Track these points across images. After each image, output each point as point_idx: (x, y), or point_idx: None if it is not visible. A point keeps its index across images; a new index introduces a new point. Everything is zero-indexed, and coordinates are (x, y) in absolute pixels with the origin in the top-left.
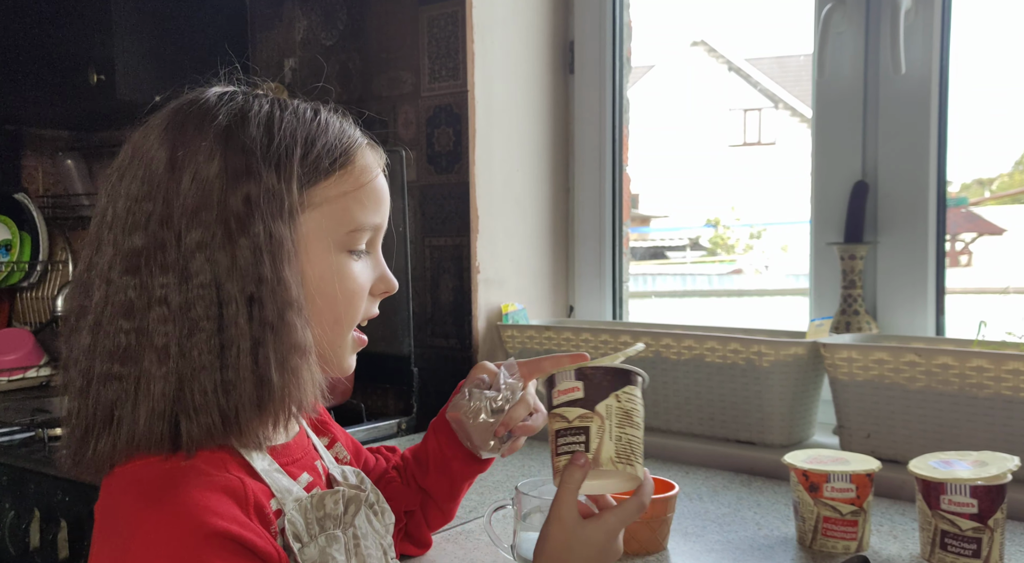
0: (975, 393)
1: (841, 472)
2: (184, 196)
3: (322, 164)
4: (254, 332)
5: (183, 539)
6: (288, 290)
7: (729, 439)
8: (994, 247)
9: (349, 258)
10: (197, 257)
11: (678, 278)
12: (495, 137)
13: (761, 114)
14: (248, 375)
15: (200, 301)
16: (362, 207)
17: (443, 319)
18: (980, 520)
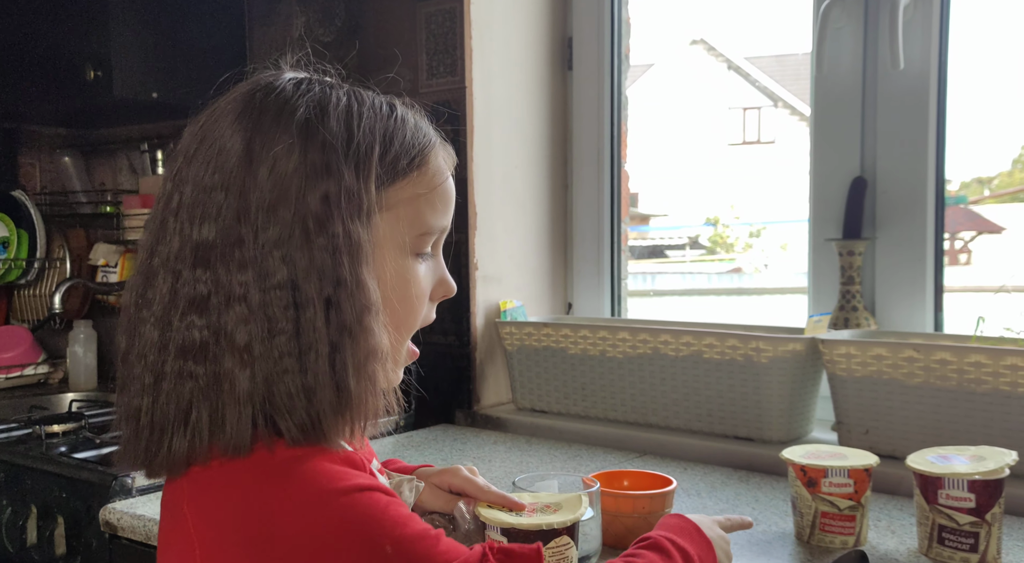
0: (973, 388)
1: (839, 467)
2: (261, 190)
3: (400, 164)
4: (331, 336)
5: (325, 500)
6: (366, 293)
7: (727, 435)
8: (993, 245)
9: (416, 261)
10: (274, 255)
11: (677, 277)
12: (494, 134)
13: (760, 113)
14: (327, 381)
15: (277, 302)
16: (433, 210)
17: (441, 316)
18: (978, 515)
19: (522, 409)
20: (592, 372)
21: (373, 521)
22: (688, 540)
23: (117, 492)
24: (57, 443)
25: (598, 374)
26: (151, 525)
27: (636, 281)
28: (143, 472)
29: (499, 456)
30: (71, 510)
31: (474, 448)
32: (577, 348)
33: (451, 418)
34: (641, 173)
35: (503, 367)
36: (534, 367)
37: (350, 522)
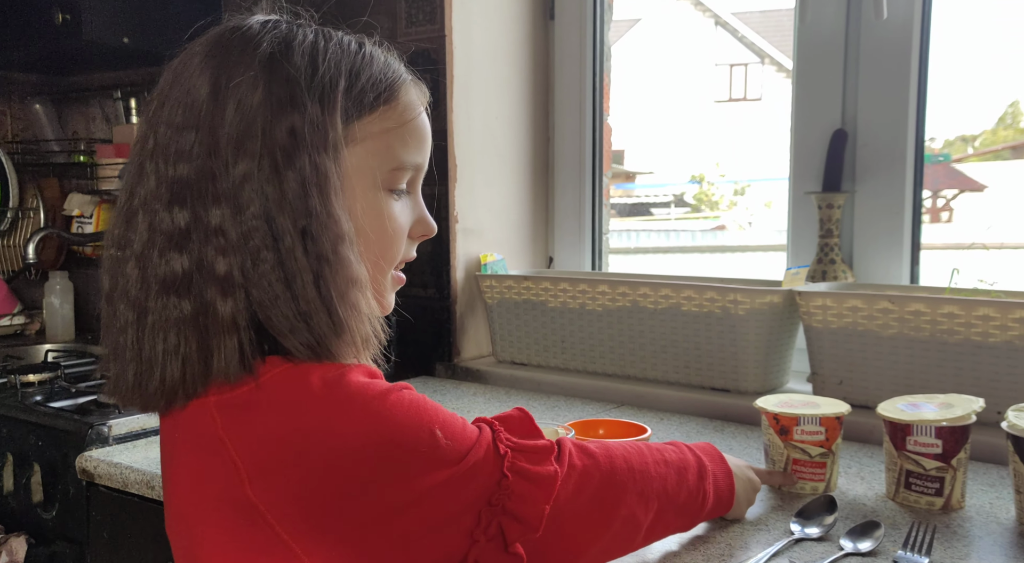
0: (946, 339)
1: (811, 415)
2: (228, 125)
3: (366, 98)
4: (312, 265)
5: (372, 405)
6: (338, 224)
7: (704, 386)
8: (975, 203)
9: (390, 197)
10: (246, 188)
11: (662, 234)
12: (474, 83)
13: (747, 69)
14: (319, 306)
15: (256, 233)
16: (404, 145)
17: (421, 269)
18: (944, 460)
19: (502, 362)
20: (572, 325)
21: (422, 411)
22: (707, 456)
23: (93, 440)
24: (32, 392)
25: (578, 327)
26: (128, 473)
27: (621, 239)
28: (137, 407)
29: (478, 407)
30: (47, 458)
31: (453, 400)
32: (557, 301)
33: (431, 371)
34: (627, 130)
35: (483, 320)
36: (514, 320)
37: (403, 417)
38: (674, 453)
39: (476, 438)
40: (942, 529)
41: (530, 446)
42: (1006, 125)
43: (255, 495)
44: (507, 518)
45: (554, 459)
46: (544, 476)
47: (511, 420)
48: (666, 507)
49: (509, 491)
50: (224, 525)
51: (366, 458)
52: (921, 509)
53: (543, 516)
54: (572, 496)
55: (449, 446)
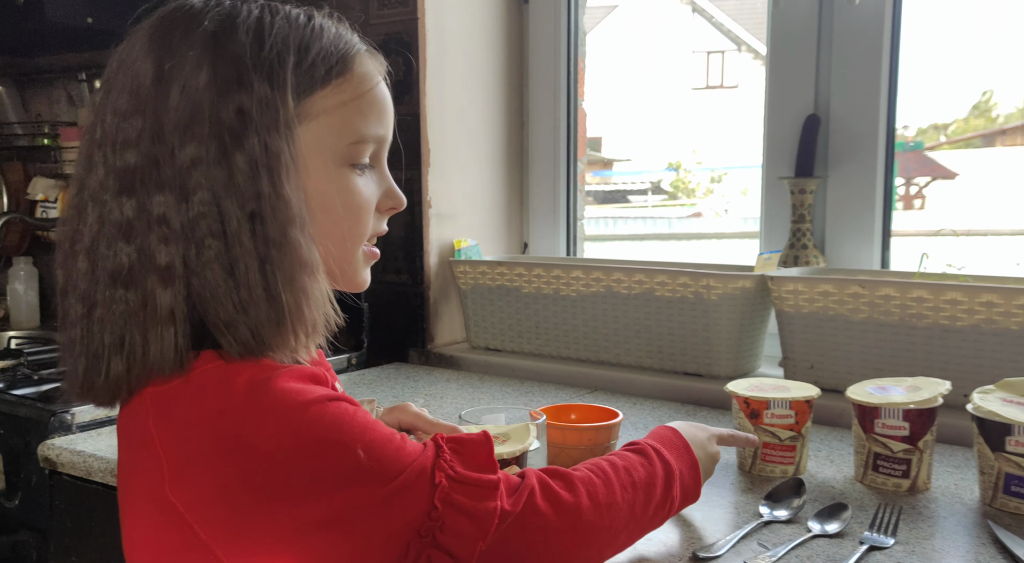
0: (915, 323)
1: (781, 399)
2: (174, 110)
3: (317, 72)
4: (259, 250)
5: (296, 412)
6: (289, 206)
7: (677, 371)
8: (947, 191)
9: (352, 172)
10: (193, 174)
11: (639, 222)
12: (447, 68)
13: (724, 57)
14: (260, 293)
15: (203, 219)
16: (363, 117)
17: (394, 254)
18: (911, 442)
19: (476, 347)
20: (546, 311)
21: (345, 427)
22: (674, 453)
23: (56, 428)
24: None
25: (552, 312)
26: (91, 461)
27: (599, 226)
28: (89, 402)
29: (451, 393)
30: (10, 447)
31: (426, 386)
32: (531, 287)
33: (404, 357)
34: (605, 117)
35: (457, 306)
36: (488, 306)
37: (322, 430)
38: (643, 467)
39: (410, 462)
40: (908, 510)
41: (473, 479)
42: (978, 114)
43: (173, 494)
44: (437, 551)
45: (503, 494)
46: (482, 512)
47: (468, 444)
48: (633, 530)
49: (440, 523)
50: (147, 522)
51: (279, 467)
52: (888, 491)
53: (475, 553)
54: (529, 541)
55: (371, 466)
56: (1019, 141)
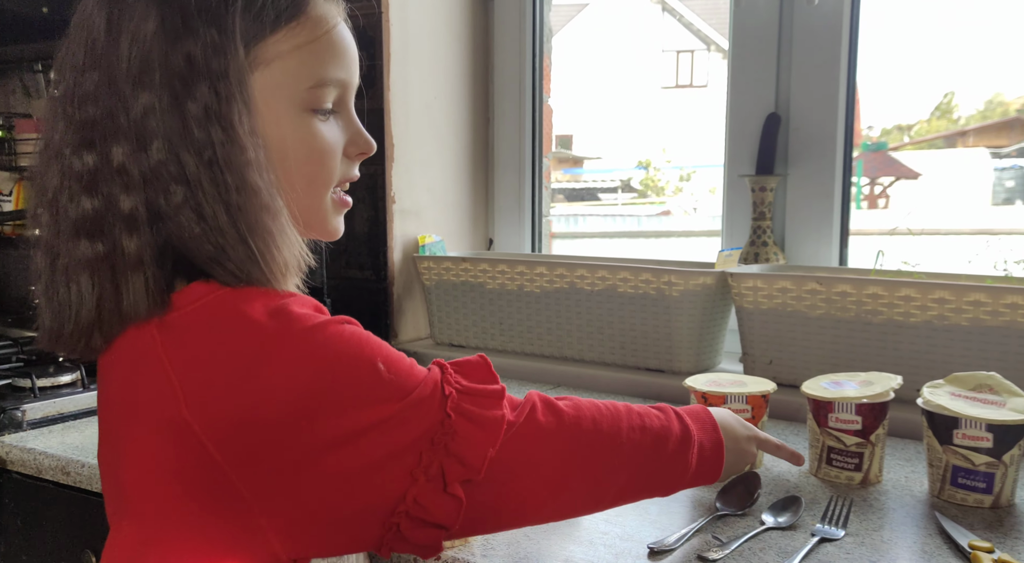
0: (870, 319)
1: (738, 394)
2: (125, 60)
3: (267, 16)
4: (222, 195)
5: (314, 334)
6: (245, 151)
7: (639, 367)
8: (911, 191)
9: (314, 117)
10: (149, 122)
11: (609, 219)
12: (411, 63)
13: (693, 56)
14: (234, 236)
15: (163, 167)
16: (320, 61)
17: (357, 250)
18: (863, 436)
19: (440, 344)
20: (510, 307)
21: (364, 344)
22: (697, 425)
23: (6, 425)
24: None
25: (516, 308)
26: (42, 458)
27: (569, 223)
28: (60, 350)
29: None
30: None
31: None
32: (495, 283)
33: None
34: (576, 115)
35: (421, 302)
36: (452, 302)
37: (344, 347)
38: (658, 419)
39: (423, 377)
40: (859, 502)
41: (479, 390)
42: (940, 115)
43: (190, 413)
44: (449, 459)
45: (505, 405)
46: (490, 419)
47: (468, 364)
48: (637, 474)
49: (452, 431)
50: (152, 442)
51: (303, 387)
52: (842, 484)
53: (486, 459)
54: (529, 451)
55: (392, 381)
56: (979, 142)
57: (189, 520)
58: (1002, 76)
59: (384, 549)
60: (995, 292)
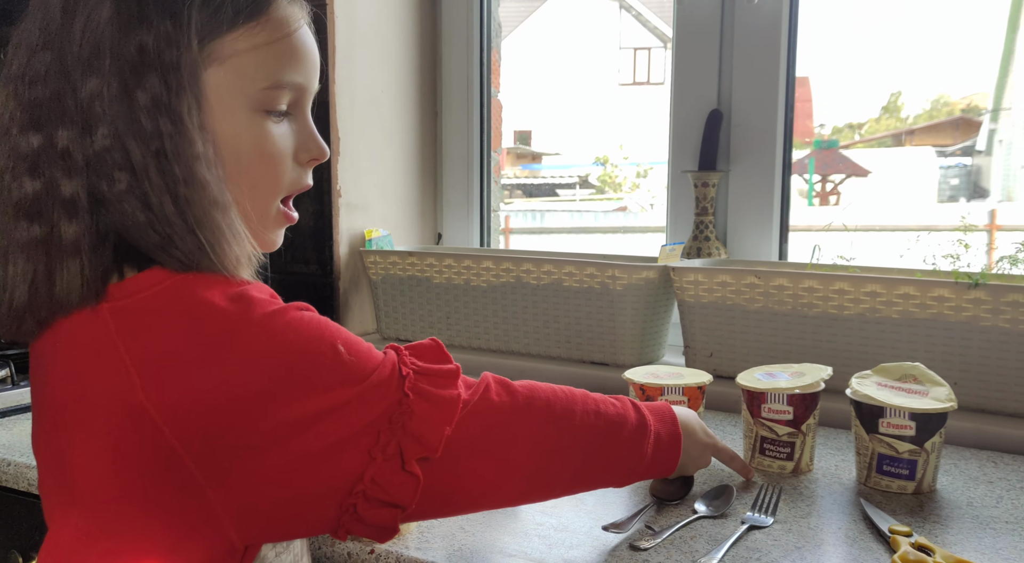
0: (806, 312)
1: (674, 385)
2: (78, 43)
3: (225, 14)
4: (169, 186)
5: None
6: (193, 144)
7: (584, 361)
8: (861, 187)
9: (267, 119)
10: (95, 109)
11: (566, 215)
12: (357, 55)
13: (650, 53)
14: (182, 227)
15: (107, 153)
16: (278, 63)
17: (303, 244)
18: (795, 426)
19: (387, 338)
20: (457, 301)
21: (324, 327)
22: (656, 417)
23: None
24: None
25: (462, 303)
26: None
27: (527, 219)
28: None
29: None
30: None
31: None
32: (442, 277)
33: None
34: (535, 112)
35: (368, 297)
36: (399, 296)
37: (305, 331)
38: (614, 407)
39: (381, 359)
40: (790, 490)
41: (434, 370)
42: (888, 114)
43: (147, 399)
44: (406, 437)
45: (460, 384)
46: (446, 399)
47: (422, 347)
48: (591, 460)
49: (409, 411)
50: (107, 430)
51: (265, 371)
52: (774, 473)
53: (442, 437)
54: (483, 429)
55: (352, 363)
56: (925, 141)
57: (144, 508)
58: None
59: (341, 531)
60: (923, 285)
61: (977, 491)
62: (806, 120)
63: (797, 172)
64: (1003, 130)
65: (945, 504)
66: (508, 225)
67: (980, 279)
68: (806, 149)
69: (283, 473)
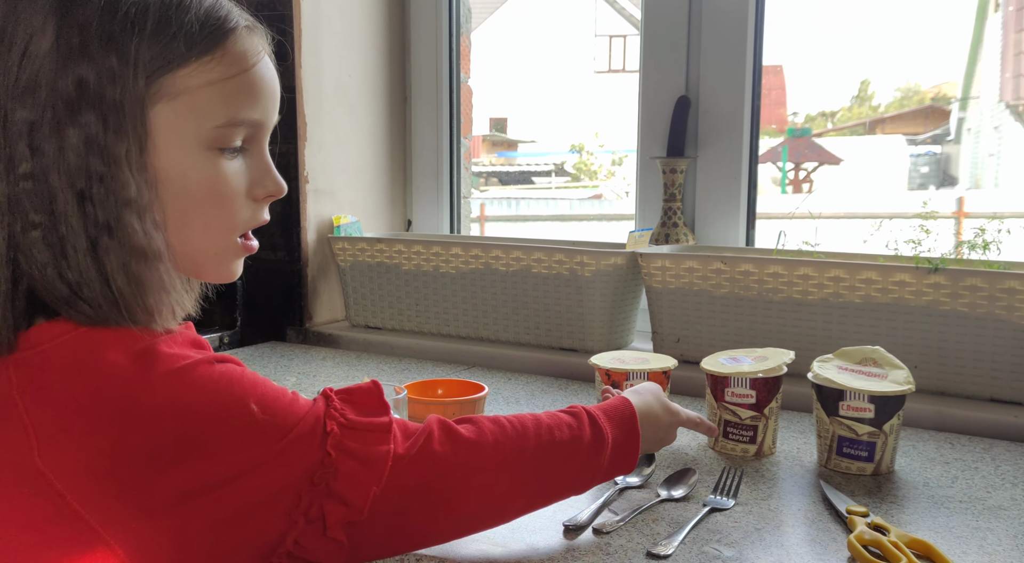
0: (771, 297)
1: (639, 370)
2: (12, 74)
3: (177, 48)
4: (89, 232)
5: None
6: (125, 188)
7: (553, 347)
8: (833, 175)
9: (220, 157)
10: (20, 143)
11: (543, 203)
12: (324, 39)
13: (626, 41)
14: (94, 276)
15: (26, 193)
16: (234, 101)
17: (269, 230)
18: (757, 409)
19: (356, 326)
20: (426, 288)
21: (235, 384)
22: (614, 421)
23: None
24: None
25: (432, 289)
26: None
27: (503, 207)
28: None
29: (325, 371)
30: None
31: (301, 364)
32: (411, 264)
33: (282, 336)
34: (510, 99)
35: (337, 284)
36: (368, 283)
37: (213, 390)
38: (568, 429)
39: (303, 414)
40: (752, 473)
41: (364, 423)
42: (860, 102)
43: (43, 462)
44: (330, 500)
45: (393, 438)
46: (374, 456)
47: (358, 393)
48: (545, 487)
49: (334, 470)
50: (8, 494)
51: (168, 430)
52: (737, 456)
53: (368, 498)
54: (422, 482)
55: (267, 422)
56: (896, 129)
57: None
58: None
59: None
60: (885, 270)
61: (934, 471)
62: (779, 108)
63: (771, 160)
64: (972, 118)
65: (903, 485)
66: (484, 213)
67: (939, 264)
68: (779, 137)
69: (194, 534)
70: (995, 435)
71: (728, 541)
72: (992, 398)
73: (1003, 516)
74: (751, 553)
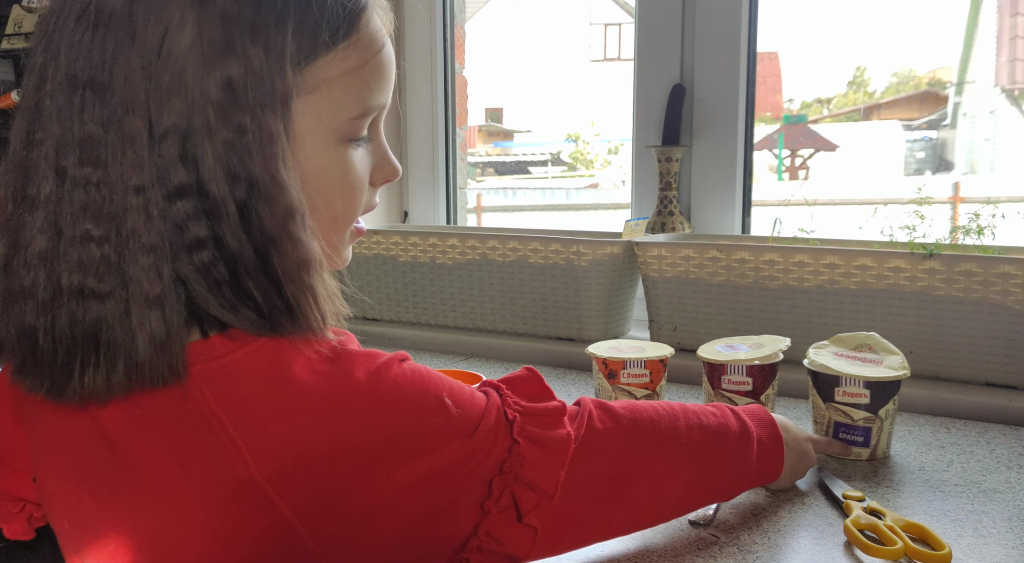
0: (766, 285)
1: (636, 359)
2: (149, 73)
3: (322, 36)
4: (256, 245)
5: (382, 375)
6: (287, 196)
7: (551, 336)
8: (829, 161)
9: (348, 148)
10: (171, 153)
11: (539, 192)
12: None
13: (621, 29)
14: (269, 289)
15: (183, 208)
16: (367, 88)
17: None
18: (754, 396)
19: (353, 317)
20: (423, 279)
21: (428, 379)
22: (755, 421)
23: None
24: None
25: (428, 281)
26: None
27: (499, 197)
28: (49, 394)
29: None
30: None
31: None
32: (408, 255)
33: None
34: (507, 89)
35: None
36: (365, 275)
37: (412, 387)
38: (714, 417)
39: (485, 405)
40: None
41: (540, 409)
42: (856, 88)
43: (259, 473)
44: (520, 487)
45: (567, 420)
46: (556, 440)
47: (519, 381)
48: (699, 474)
49: (521, 458)
50: (211, 512)
51: (374, 435)
52: None
53: (558, 482)
54: (592, 462)
55: (461, 415)
56: (892, 115)
57: None
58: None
59: None
60: (880, 256)
61: (929, 456)
62: (775, 95)
63: (767, 147)
64: (967, 103)
65: (898, 469)
66: (480, 203)
67: (934, 249)
68: (776, 124)
69: (396, 533)
70: (990, 419)
71: (725, 527)
72: (987, 382)
73: (998, 499)
74: (747, 538)
